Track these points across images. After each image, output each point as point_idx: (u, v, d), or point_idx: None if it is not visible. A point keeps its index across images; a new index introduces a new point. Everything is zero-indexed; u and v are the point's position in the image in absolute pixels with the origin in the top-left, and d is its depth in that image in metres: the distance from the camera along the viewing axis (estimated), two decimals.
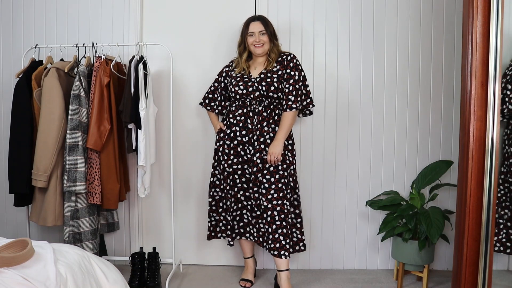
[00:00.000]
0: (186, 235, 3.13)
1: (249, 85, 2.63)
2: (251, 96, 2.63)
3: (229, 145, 2.68)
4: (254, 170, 2.61)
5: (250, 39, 2.64)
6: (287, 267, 2.62)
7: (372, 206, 2.83)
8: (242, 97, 2.65)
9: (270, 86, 2.59)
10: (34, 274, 1.47)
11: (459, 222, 2.22)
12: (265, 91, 2.59)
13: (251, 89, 2.62)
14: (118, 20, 3.02)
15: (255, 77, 2.64)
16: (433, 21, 2.93)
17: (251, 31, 2.63)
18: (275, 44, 2.67)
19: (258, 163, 2.60)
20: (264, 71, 2.63)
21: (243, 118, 2.65)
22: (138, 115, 2.57)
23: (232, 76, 2.72)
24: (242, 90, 2.63)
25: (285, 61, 2.64)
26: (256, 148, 2.61)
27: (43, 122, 2.51)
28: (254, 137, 2.62)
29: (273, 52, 2.66)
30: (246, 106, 2.66)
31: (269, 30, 2.64)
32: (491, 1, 2.00)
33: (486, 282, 2.07)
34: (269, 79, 2.60)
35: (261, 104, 2.63)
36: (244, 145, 2.65)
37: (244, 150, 2.66)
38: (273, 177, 2.56)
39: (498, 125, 2.04)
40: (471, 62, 2.08)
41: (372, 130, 2.99)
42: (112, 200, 2.62)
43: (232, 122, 2.68)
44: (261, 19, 2.66)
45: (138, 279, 2.74)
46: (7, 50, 3.09)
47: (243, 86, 2.64)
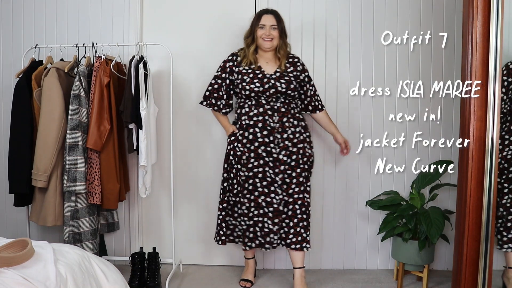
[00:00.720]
0: (186, 235, 3.13)
1: (265, 82, 2.54)
2: (266, 94, 2.54)
3: (249, 148, 2.57)
4: (282, 168, 2.56)
5: (259, 32, 2.56)
6: (302, 264, 2.66)
7: (372, 206, 2.83)
8: (256, 95, 2.55)
9: (290, 84, 2.55)
10: (34, 274, 1.47)
11: (459, 222, 2.22)
12: (284, 88, 2.54)
13: (267, 86, 2.53)
14: (118, 20, 3.02)
15: (269, 74, 2.57)
16: (433, 21, 2.93)
17: (262, 23, 2.56)
18: (285, 41, 2.62)
19: (285, 161, 2.56)
20: (279, 70, 2.59)
21: (261, 118, 2.55)
22: (139, 115, 2.57)
23: (242, 72, 2.59)
24: (259, 87, 2.53)
25: (297, 64, 2.65)
26: (281, 146, 2.56)
27: (43, 122, 2.51)
28: (277, 135, 2.56)
29: (282, 49, 2.60)
30: (261, 104, 2.56)
31: (280, 26, 2.58)
32: (491, 1, 2.00)
33: (486, 282, 2.08)
34: (287, 77, 2.56)
35: (278, 100, 2.56)
36: (267, 145, 2.56)
37: (267, 152, 2.56)
38: (294, 172, 2.57)
39: (498, 125, 2.04)
40: (471, 62, 2.08)
41: (372, 130, 2.99)
42: (112, 200, 2.62)
43: (248, 124, 2.57)
44: (274, 13, 2.60)
45: (138, 279, 2.74)
46: (7, 50, 3.08)
47: (259, 83, 2.54)
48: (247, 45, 2.62)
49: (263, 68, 2.59)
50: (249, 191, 2.59)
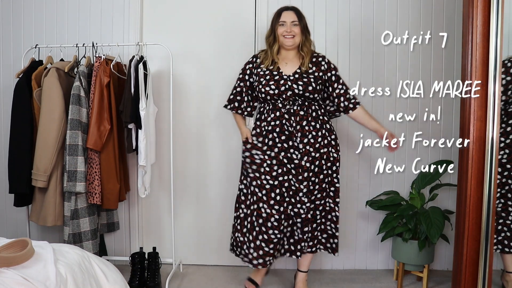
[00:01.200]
0: (186, 235, 3.13)
1: (281, 84, 2.41)
2: (283, 97, 2.41)
3: (269, 154, 2.43)
4: (305, 176, 2.42)
5: (280, 29, 2.43)
6: (307, 268, 2.66)
7: (372, 206, 2.83)
8: (273, 98, 2.43)
9: (308, 86, 2.40)
10: (34, 274, 1.47)
11: (459, 222, 2.22)
12: (301, 90, 2.39)
13: (283, 89, 2.40)
14: (118, 20, 3.02)
15: (287, 75, 2.43)
16: (433, 21, 2.93)
17: (283, 20, 2.43)
18: (308, 38, 2.47)
19: (308, 167, 2.42)
20: (298, 70, 2.44)
21: (279, 122, 2.42)
22: (138, 115, 2.57)
23: (260, 74, 2.47)
24: (274, 90, 2.41)
25: (321, 64, 2.48)
26: (302, 152, 2.42)
27: (43, 122, 2.51)
28: (297, 140, 2.42)
29: (305, 46, 2.45)
30: (278, 108, 2.43)
31: (302, 22, 2.45)
32: (491, 1, 2.00)
33: (486, 282, 2.08)
34: (306, 78, 2.41)
35: (295, 103, 2.42)
36: (287, 151, 2.43)
37: (288, 158, 2.43)
38: (317, 178, 2.46)
39: (498, 125, 2.04)
40: (471, 62, 2.08)
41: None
42: (112, 200, 2.62)
43: (267, 129, 2.44)
44: (295, 10, 2.47)
45: (138, 279, 2.74)
46: (7, 50, 3.08)
47: (274, 85, 2.41)
48: (269, 45, 2.49)
49: (282, 69, 2.46)
50: (277, 202, 2.43)
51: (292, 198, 2.46)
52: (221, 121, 3.03)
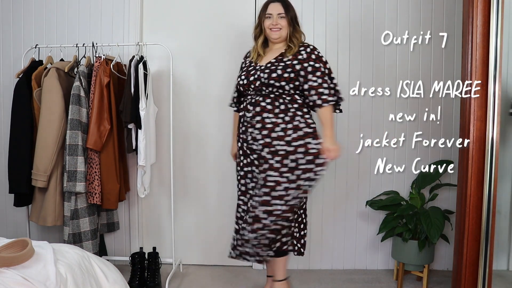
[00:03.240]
0: (186, 235, 3.13)
1: (251, 73, 2.33)
2: (251, 87, 2.31)
3: (239, 146, 2.41)
4: (266, 167, 2.24)
5: (266, 22, 2.33)
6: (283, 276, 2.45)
7: (372, 206, 2.83)
8: (245, 90, 2.35)
9: (272, 73, 2.25)
10: (34, 274, 1.47)
11: (459, 222, 2.22)
12: (266, 78, 2.25)
13: (252, 79, 2.31)
14: (118, 20, 3.01)
15: (260, 65, 2.33)
16: (433, 21, 2.93)
17: (269, 13, 2.33)
18: (297, 29, 2.35)
19: (268, 159, 2.24)
20: (273, 60, 2.31)
21: (242, 113, 2.36)
22: (138, 115, 2.57)
23: (242, 67, 2.44)
24: (243, 80, 2.35)
25: (301, 53, 2.29)
26: (261, 143, 2.26)
27: (43, 122, 2.51)
28: (255, 131, 2.28)
29: (294, 37, 2.32)
30: (246, 99, 2.37)
31: (289, 14, 2.33)
32: (491, 1, 2.00)
33: (486, 282, 2.07)
34: (274, 66, 2.28)
35: (260, 93, 2.29)
36: (247, 142, 2.33)
37: (250, 149, 2.32)
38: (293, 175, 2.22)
39: (498, 125, 2.04)
40: (471, 62, 2.08)
41: (372, 129, 2.99)
42: (112, 200, 2.62)
43: (239, 120, 2.41)
44: (282, 1, 2.34)
45: (138, 279, 2.74)
46: (7, 50, 3.08)
47: (244, 76, 2.35)
48: (254, 37, 2.42)
49: (259, 61, 2.37)
50: (243, 192, 2.44)
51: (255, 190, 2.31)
52: (221, 120, 3.03)
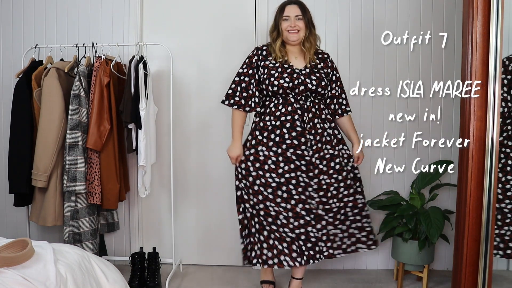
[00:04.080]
0: (186, 235, 3.13)
1: (294, 77, 2.32)
2: (295, 91, 2.32)
3: (276, 151, 2.32)
4: (316, 172, 2.34)
5: (284, 24, 2.34)
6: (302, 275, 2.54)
7: (372, 206, 2.83)
8: (284, 92, 2.33)
9: (321, 81, 2.35)
10: (34, 274, 1.47)
11: (459, 222, 2.22)
12: (315, 85, 2.32)
13: (297, 82, 2.31)
14: (118, 20, 3.01)
15: (299, 69, 2.35)
16: (433, 21, 2.93)
17: (287, 15, 2.34)
18: (312, 32, 2.39)
19: (318, 164, 2.34)
20: (308, 65, 2.37)
21: (290, 118, 2.32)
22: (139, 115, 2.57)
23: (269, 66, 2.36)
24: (288, 83, 2.31)
25: (327, 60, 2.45)
26: (314, 149, 2.34)
27: (43, 122, 2.51)
28: (310, 137, 2.33)
29: (308, 42, 2.37)
30: (290, 103, 2.33)
31: (306, 16, 2.36)
32: (491, 1, 2.00)
33: (486, 282, 2.07)
34: (318, 73, 2.35)
35: (308, 99, 2.34)
36: (297, 148, 2.32)
37: (297, 155, 2.32)
38: (340, 175, 2.40)
39: (498, 125, 2.04)
40: (471, 62, 2.08)
41: (372, 129, 2.99)
42: (112, 200, 2.62)
43: (274, 124, 2.33)
44: (298, 3, 2.38)
45: (138, 279, 2.74)
46: (7, 50, 3.08)
47: (288, 78, 2.31)
48: (272, 40, 2.40)
49: (292, 63, 2.38)
50: (285, 200, 2.33)
51: (302, 195, 2.33)
52: (221, 120, 3.03)
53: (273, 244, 2.34)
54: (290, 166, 2.33)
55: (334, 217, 2.42)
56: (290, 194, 2.33)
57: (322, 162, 2.38)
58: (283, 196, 2.33)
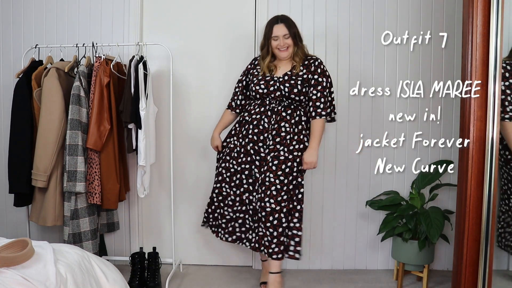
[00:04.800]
0: (186, 235, 3.13)
1: (271, 84, 2.54)
2: (271, 96, 2.54)
3: (241, 142, 2.58)
4: (265, 169, 2.50)
5: (274, 43, 2.53)
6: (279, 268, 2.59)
7: (372, 206, 2.83)
8: (262, 97, 2.56)
9: (294, 88, 2.50)
10: (34, 274, 1.47)
11: (459, 222, 2.22)
12: (287, 92, 2.51)
13: (272, 89, 2.53)
14: (118, 20, 3.02)
15: (277, 77, 2.55)
16: (433, 21, 2.93)
17: (276, 35, 2.51)
18: (300, 46, 2.56)
19: (269, 162, 2.49)
20: (289, 73, 2.55)
21: (259, 117, 2.54)
22: (138, 115, 2.57)
23: (254, 74, 2.63)
24: (263, 89, 2.55)
25: (311, 65, 2.56)
26: (270, 148, 2.51)
27: (43, 122, 2.51)
28: (269, 136, 2.51)
29: (297, 56, 2.55)
30: (264, 105, 2.56)
31: (292, 32, 2.52)
32: (491, 1, 2.00)
33: (486, 282, 2.07)
34: (293, 81, 2.52)
35: (281, 104, 2.54)
36: (256, 143, 2.54)
37: (254, 149, 2.54)
38: (286, 179, 2.47)
39: (498, 125, 2.04)
40: (471, 62, 2.07)
41: (372, 129, 2.99)
42: (112, 200, 2.62)
43: (246, 120, 2.59)
44: (285, 21, 2.53)
45: (138, 279, 2.74)
46: (7, 50, 3.08)
47: (264, 85, 2.55)
48: (262, 57, 2.60)
49: (274, 72, 2.58)
50: (236, 185, 2.60)
51: (251, 186, 2.57)
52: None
53: (217, 216, 2.70)
54: (247, 158, 2.57)
55: (266, 217, 2.45)
56: (241, 182, 2.60)
57: (273, 161, 2.50)
58: (236, 182, 2.61)
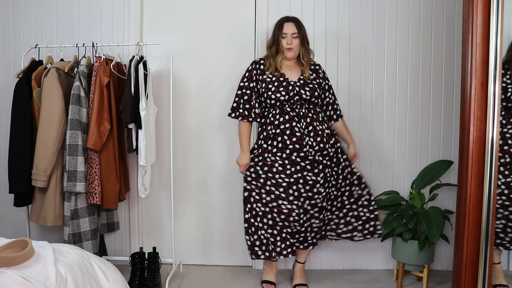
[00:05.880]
0: (186, 235, 3.13)
1: (290, 89, 2.53)
2: (291, 102, 2.53)
3: (281, 156, 2.53)
4: (321, 168, 2.55)
5: (283, 42, 2.53)
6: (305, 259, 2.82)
7: None
8: (281, 104, 2.54)
9: (314, 91, 2.55)
10: (34, 274, 1.47)
11: (459, 222, 2.22)
12: (309, 96, 2.54)
13: (292, 94, 2.53)
14: (118, 20, 3.02)
15: (293, 81, 2.56)
16: (433, 21, 2.93)
17: (284, 32, 2.52)
18: (307, 48, 2.60)
19: (321, 161, 2.56)
20: (301, 76, 2.57)
21: (288, 125, 2.52)
22: (139, 115, 2.57)
23: (266, 81, 2.57)
24: (284, 96, 2.52)
25: (319, 72, 2.65)
26: (316, 149, 2.54)
27: (43, 122, 2.51)
28: (311, 139, 2.53)
29: (305, 56, 2.58)
30: (286, 112, 2.54)
31: (301, 33, 2.54)
32: (491, 1, 2.00)
33: (486, 282, 2.07)
34: (311, 84, 2.56)
35: (302, 107, 2.56)
36: (299, 151, 2.52)
37: (300, 157, 2.52)
38: (339, 169, 2.65)
39: (498, 125, 2.04)
40: (471, 62, 2.07)
41: (372, 130, 2.99)
42: (112, 200, 2.62)
43: (274, 132, 2.54)
44: (295, 21, 2.56)
45: (138, 279, 2.74)
46: (7, 50, 3.08)
47: (284, 91, 2.53)
48: (272, 55, 2.58)
49: (287, 76, 2.58)
50: (296, 197, 2.54)
51: (309, 192, 2.55)
52: (221, 120, 3.03)
53: (285, 237, 2.59)
54: (296, 167, 2.54)
55: (331, 204, 2.67)
56: (299, 193, 2.54)
57: (325, 158, 2.58)
58: (295, 195, 2.54)
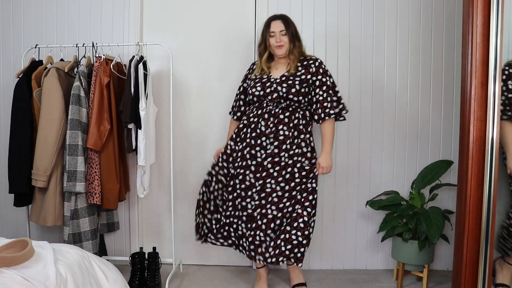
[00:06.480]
0: (186, 235, 3.13)
1: (267, 86, 2.48)
2: (268, 98, 2.48)
3: (239, 147, 2.53)
4: (264, 175, 2.44)
5: (271, 40, 2.48)
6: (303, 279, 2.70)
7: (372, 206, 2.83)
8: (259, 99, 2.51)
9: (291, 88, 2.43)
10: (34, 274, 1.47)
11: (459, 222, 2.22)
12: (285, 92, 2.43)
13: (269, 90, 2.47)
14: (118, 20, 3.02)
15: (274, 78, 2.50)
16: (433, 21, 2.93)
17: (272, 31, 2.48)
18: (296, 45, 2.50)
19: (268, 168, 2.43)
20: (286, 74, 2.48)
21: (256, 120, 2.48)
22: (138, 115, 2.57)
23: (252, 78, 2.59)
24: (259, 91, 2.49)
25: (311, 66, 2.49)
26: (268, 152, 2.44)
27: (43, 122, 2.51)
28: (267, 141, 2.45)
29: (292, 54, 2.48)
30: (261, 107, 2.50)
31: (290, 30, 2.48)
32: (491, 1, 2.00)
33: (486, 282, 2.07)
34: (291, 81, 2.45)
35: (279, 106, 2.47)
36: (253, 148, 2.48)
37: (250, 154, 2.48)
38: (288, 185, 2.43)
39: (498, 125, 2.04)
40: (471, 62, 2.07)
41: (372, 130, 3.00)
42: (112, 200, 2.62)
43: (244, 124, 2.54)
44: (283, 18, 2.50)
45: (138, 279, 2.74)
46: (7, 50, 3.09)
47: (260, 87, 2.50)
48: (259, 54, 2.57)
49: (272, 74, 2.54)
50: (232, 189, 2.53)
51: (243, 192, 2.49)
52: (220, 120, 3.03)
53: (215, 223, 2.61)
54: (242, 163, 2.51)
55: (266, 224, 2.43)
56: (235, 188, 2.52)
57: (274, 167, 2.44)
58: (232, 186, 2.54)
